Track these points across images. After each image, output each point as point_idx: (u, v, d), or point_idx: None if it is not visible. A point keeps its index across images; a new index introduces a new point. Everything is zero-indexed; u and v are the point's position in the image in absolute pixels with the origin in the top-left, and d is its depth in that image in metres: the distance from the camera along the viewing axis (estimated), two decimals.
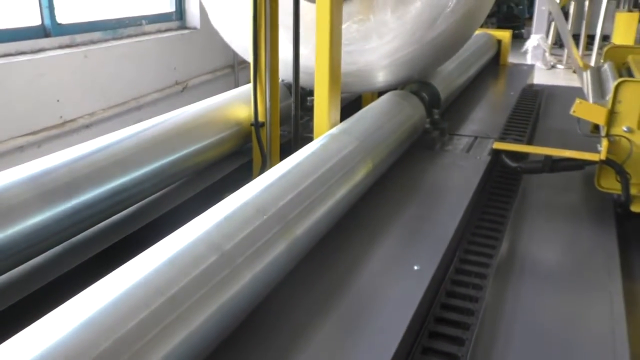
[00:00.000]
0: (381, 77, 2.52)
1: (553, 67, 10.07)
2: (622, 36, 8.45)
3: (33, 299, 1.45)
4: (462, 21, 2.53)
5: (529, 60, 10.19)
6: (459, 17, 2.42)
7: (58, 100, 3.52)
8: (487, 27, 11.87)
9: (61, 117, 3.55)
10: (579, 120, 2.04)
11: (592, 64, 9.75)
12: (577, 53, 2.91)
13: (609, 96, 1.96)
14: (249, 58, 2.30)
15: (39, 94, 3.40)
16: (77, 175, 1.63)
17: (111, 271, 1.11)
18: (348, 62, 2.40)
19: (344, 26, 2.25)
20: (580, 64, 2.86)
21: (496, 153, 2.29)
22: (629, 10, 9.04)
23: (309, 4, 2.34)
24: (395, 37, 2.36)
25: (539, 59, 10.01)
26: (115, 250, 1.69)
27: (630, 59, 2.49)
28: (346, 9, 2.29)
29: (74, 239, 1.67)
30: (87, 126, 3.75)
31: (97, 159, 1.74)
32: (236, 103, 2.44)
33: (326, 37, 2.07)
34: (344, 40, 2.18)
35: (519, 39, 11.53)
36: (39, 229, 1.50)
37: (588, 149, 2.12)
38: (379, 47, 2.41)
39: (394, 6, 2.33)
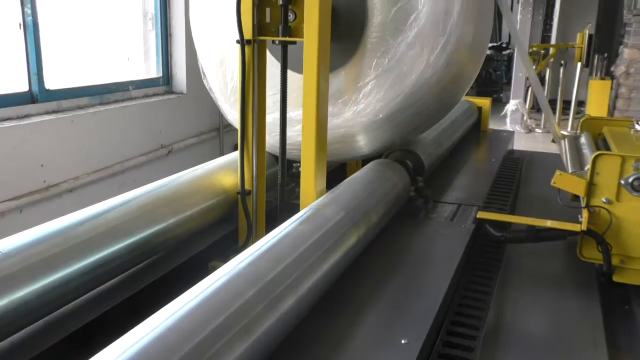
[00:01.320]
0: (363, 144, 2.56)
1: (531, 131, 10.32)
2: (596, 103, 8.74)
3: None
4: (446, 91, 2.61)
5: (508, 124, 10.46)
6: (442, 86, 2.50)
7: (42, 165, 3.51)
8: (467, 92, 12.23)
9: (45, 181, 3.54)
10: (559, 190, 2.09)
11: (569, 128, 10.04)
12: (556, 123, 3.00)
13: (587, 168, 2.01)
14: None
15: (23, 159, 3.40)
16: (63, 248, 1.62)
17: (94, 347, 1.09)
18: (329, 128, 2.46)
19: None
20: (558, 133, 2.95)
21: (480, 222, 2.32)
22: (602, 78, 9.38)
23: (297, 74, 2.40)
24: (378, 104, 2.41)
25: (517, 123, 10.27)
26: (100, 324, 1.67)
27: (605, 130, 2.57)
28: (332, 81, 2.35)
29: (57, 312, 1.64)
30: (70, 190, 3.74)
31: (83, 230, 1.73)
32: (223, 171, 2.47)
33: (313, 108, 2.12)
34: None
35: (498, 103, 11.85)
36: (22, 303, 1.47)
37: (570, 217, 2.16)
38: (361, 112, 2.46)
39: (378, 75, 2.38)
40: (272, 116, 2.44)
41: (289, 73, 2.30)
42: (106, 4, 4.44)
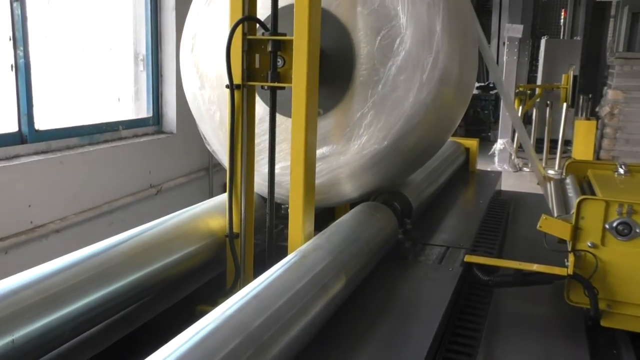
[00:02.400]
0: (350, 189, 2.58)
1: (519, 170, 10.40)
2: (582, 142, 8.87)
3: None
4: (432, 133, 2.65)
5: (496, 163, 10.56)
6: (429, 129, 2.53)
7: (29, 206, 3.50)
8: (455, 131, 12.37)
9: (31, 222, 3.52)
10: (545, 234, 2.10)
11: (556, 167, 10.15)
12: (540, 166, 3.03)
13: (573, 212, 2.04)
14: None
15: (10, 200, 3.39)
16: (46, 295, 1.61)
17: None
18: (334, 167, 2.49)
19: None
20: (543, 174, 2.98)
21: (468, 265, 2.33)
22: (587, 118, 9.54)
23: (285, 117, 2.43)
24: (365, 149, 2.43)
25: (505, 162, 10.36)
26: None
27: (590, 173, 2.61)
28: (320, 125, 2.38)
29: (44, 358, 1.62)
30: (57, 231, 3.71)
31: (67, 276, 1.72)
32: (210, 214, 2.46)
33: (301, 152, 2.13)
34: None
35: (486, 141, 11.97)
36: (7, 350, 1.45)
37: (558, 259, 2.17)
38: (365, 145, 2.47)
39: (375, 104, 2.41)
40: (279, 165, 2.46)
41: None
42: (98, 46, 4.49)
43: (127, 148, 4.43)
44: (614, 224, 1.98)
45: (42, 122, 3.75)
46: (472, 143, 4.57)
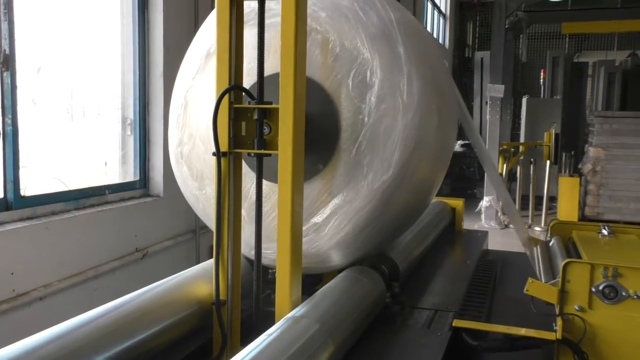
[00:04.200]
0: (337, 259, 2.58)
1: (506, 226, 10.45)
2: (567, 199, 8.97)
3: None
4: (415, 196, 2.67)
5: (482, 220, 10.61)
6: (411, 193, 2.56)
7: (12, 274, 3.44)
8: (441, 188, 12.48)
9: (14, 290, 3.46)
10: (532, 298, 2.11)
11: (542, 223, 10.22)
12: (526, 230, 3.06)
13: (559, 275, 2.05)
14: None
15: None
16: None
17: None
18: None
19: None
20: (526, 234, 3.00)
21: (456, 329, 2.31)
22: (570, 175, 9.69)
23: (272, 184, 2.45)
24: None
25: (492, 219, 10.42)
26: None
27: (574, 235, 2.64)
28: (307, 193, 2.40)
29: None
30: (40, 299, 3.64)
31: (53, 348, 1.69)
32: (196, 281, 2.45)
33: (288, 219, 2.15)
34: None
35: (473, 198, 12.07)
36: None
37: (547, 323, 2.17)
38: (333, 230, 2.48)
39: (347, 190, 2.43)
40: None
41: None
42: (86, 111, 4.54)
43: (113, 212, 4.40)
44: (600, 287, 1.99)
45: (28, 187, 3.74)
46: (457, 203, 4.61)
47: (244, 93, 2.32)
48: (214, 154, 2.24)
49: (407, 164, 2.41)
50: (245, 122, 2.27)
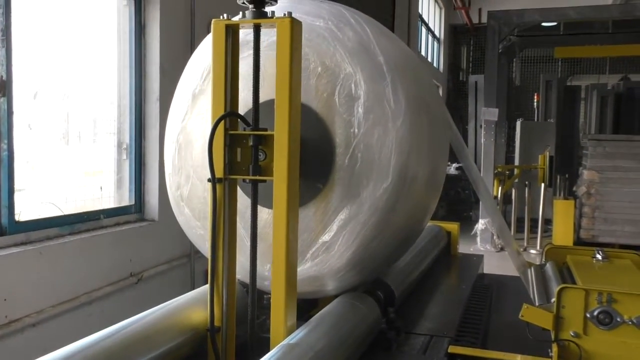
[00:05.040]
0: (332, 287, 2.58)
1: (502, 249, 10.44)
2: (562, 222, 8.99)
3: None
4: (415, 207, 2.67)
5: (478, 243, 10.60)
6: (412, 201, 2.56)
7: (5, 300, 3.42)
8: (437, 211, 12.49)
9: (6, 316, 3.43)
10: (528, 323, 2.10)
11: (538, 246, 10.22)
12: (520, 255, 3.06)
13: (554, 300, 2.05)
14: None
15: None
16: None
17: None
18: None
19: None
20: (520, 259, 2.99)
21: (452, 356, 2.31)
22: (565, 198, 9.72)
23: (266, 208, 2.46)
24: (357, 233, 2.43)
25: (488, 242, 10.41)
26: None
27: (569, 259, 2.64)
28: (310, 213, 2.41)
29: None
30: (33, 325, 3.61)
31: None
32: (191, 307, 2.44)
33: (282, 245, 2.15)
34: None
35: (468, 221, 12.07)
36: None
37: (543, 349, 2.16)
38: (342, 246, 2.48)
39: (351, 204, 2.44)
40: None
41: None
42: (82, 136, 4.55)
43: (108, 237, 4.39)
44: (595, 313, 1.99)
45: (23, 212, 3.73)
46: (453, 227, 4.61)
47: (239, 119, 2.33)
48: (209, 180, 2.25)
49: (405, 168, 2.42)
50: (240, 148, 2.28)
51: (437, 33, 18.63)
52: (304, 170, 2.32)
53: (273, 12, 2.21)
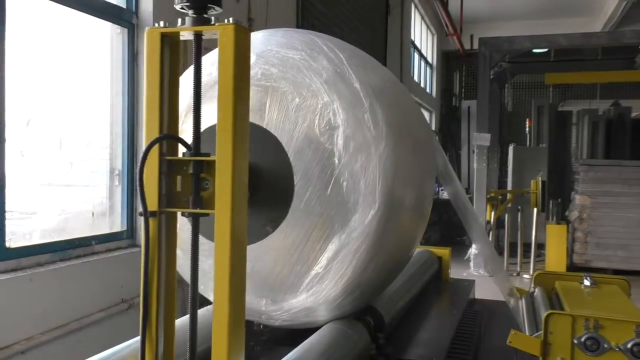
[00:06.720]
0: (329, 316, 2.57)
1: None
2: (555, 246, 9.01)
3: None
4: (404, 231, 2.68)
5: (471, 267, 10.60)
6: (400, 225, 2.57)
7: None
8: (430, 235, 12.46)
9: None
10: (516, 350, 2.11)
11: (531, 271, 10.22)
12: (509, 283, 3.07)
13: (542, 326, 2.06)
14: None
15: None
16: None
17: None
18: (285, 309, 2.51)
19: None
20: (508, 286, 3.00)
21: None
22: (558, 223, 9.75)
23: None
24: (349, 262, 2.43)
25: (480, 267, 10.41)
26: None
27: (557, 285, 2.66)
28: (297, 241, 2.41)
29: None
30: (22, 352, 3.58)
31: None
32: (184, 333, 2.42)
33: (226, 287, 1.78)
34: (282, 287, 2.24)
35: (461, 245, 12.07)
36: None
37: None
38: (337, 276, 2.48)
39: (340, 233, 2.43)
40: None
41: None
42: (74, 163, 4.57)
43: (99, 263, 4.38)
44: (582, 339, 2.00)
45: (14, 238, 3.73)
46: (444, 252, 4.62)
47: (180, 143, 1.91)
48: (140, 214, 1.86)
49: (392, 192, 2.42)
50: (180, 176, 1.87)
51: (429, 59, 18.85)
52: (287, 202, 2.32)
53: (217, 18, 1.87)
